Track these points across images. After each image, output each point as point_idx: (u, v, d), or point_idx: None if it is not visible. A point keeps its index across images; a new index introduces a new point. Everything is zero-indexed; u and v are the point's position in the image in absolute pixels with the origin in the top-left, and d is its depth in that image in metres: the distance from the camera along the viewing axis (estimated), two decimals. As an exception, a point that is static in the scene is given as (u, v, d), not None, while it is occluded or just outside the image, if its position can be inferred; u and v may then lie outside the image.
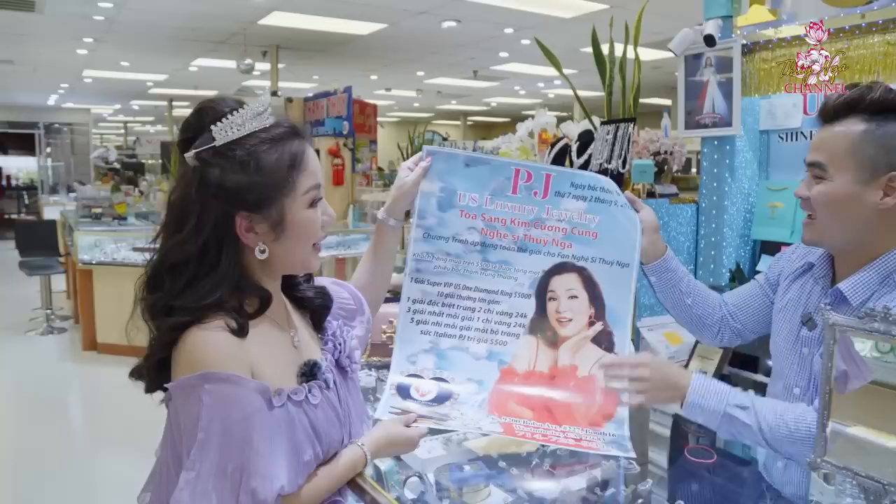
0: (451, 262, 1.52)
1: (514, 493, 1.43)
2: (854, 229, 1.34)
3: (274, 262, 1.21)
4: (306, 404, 1.19)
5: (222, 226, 1.15)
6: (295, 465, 1.14)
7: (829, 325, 0.96)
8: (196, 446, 1.08)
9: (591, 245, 1.51)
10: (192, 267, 1.14)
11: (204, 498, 1.07)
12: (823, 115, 1.38)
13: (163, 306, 1.15)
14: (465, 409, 1.42)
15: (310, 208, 1.20)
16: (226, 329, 1.12)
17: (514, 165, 1.53)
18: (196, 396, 1.08)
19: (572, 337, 1.51)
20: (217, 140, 1.13)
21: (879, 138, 1.29)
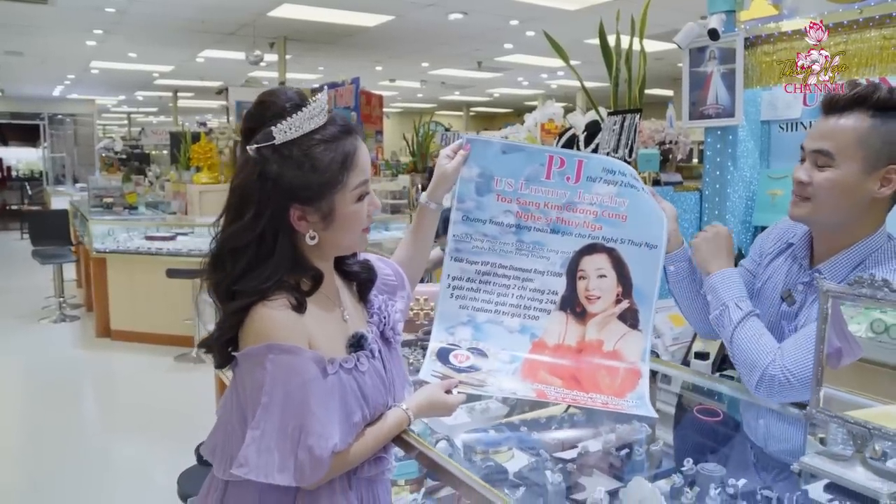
0: (488, 242, 1.63)
1: (537, 454, 1.55)
2: (845, 213, 1.46)
3: (324, 246, 1.34)
4: (356, 371, 1.32)
5: (278, 216, 1.27)
6: (346, 425, 1.28)
7: (822, 291, 1.09)
8: (261, 409, 1.21)
9: (621, 227, 1.61)
10: (250, 252, 1.27)
11: (267, 453, 1.21)
12: (830, 107, 1.47)
13: (226, 289, 1.28)
14: (500, 377, 1.54)
15: (358, 202, 1.33)
16: (287, 306, 1.25)
17: (548, 152, 1.64)
18: (261, 365, 1.22)
19: (600, 313, 1.61)
20: (277, 139, 1.25)
21: (884, 133, 1.41)
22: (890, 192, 1.44)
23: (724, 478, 1.35)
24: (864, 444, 1.09)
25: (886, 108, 1.42)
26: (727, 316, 1.53)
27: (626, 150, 3.47)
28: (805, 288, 1.54)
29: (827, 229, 1.53)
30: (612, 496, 1.33)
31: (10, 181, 20.07)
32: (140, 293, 6.57)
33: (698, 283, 1.73)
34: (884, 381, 1.20)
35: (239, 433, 1.26)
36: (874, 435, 1.06)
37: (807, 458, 1.16)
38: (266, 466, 1.20)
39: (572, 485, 1.46)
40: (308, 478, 1.22)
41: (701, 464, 1.40)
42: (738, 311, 1.52)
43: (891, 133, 1.41)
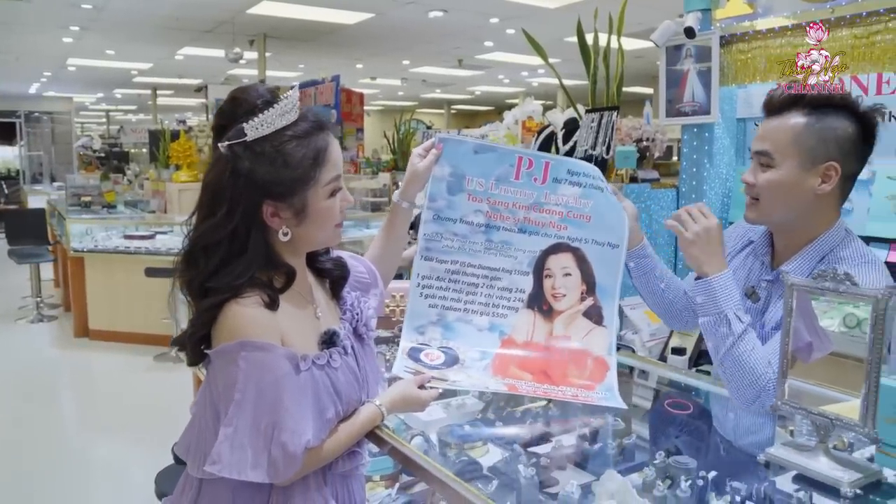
0: (459, 241, 1.64)
1: (511, 449, 1.57)
2: (794, 211, 1.51)
3: (297, 242, 1.35)
4: (328, 368, 1.32)
5: (251, 212, 1.27)
6: (319, 422, 1.28)
7: (788, 285, 1.11)
8: (233, 405, 1.22)
9: (585, 227, 1.65)
10: (223, 248, 1.27)
11: (241, 450, 1.21)
12: (769, 109, 1.53)
13: (199, 286, 1.29)
14: (472, 372, 1.56)
15: (330, 197, 1.33)
16: (260, 303, 1.26)
17: (517, 153, 1.67)
18: (234, 362, 1.23)
19: (566, 311, 1.65)
20: (249, 136, 1.25)
21: (819, 131, 1.46)
22: (831, 188, 1.48)
23: (695, 470, 1.37)
24: (828, 435, 1.11)
25: (820, 107, 1.46)
26: (726, 327, 1.48)
27: (603, 147, 3.49)
28: (769, 285, 1.57)
29: (782, 228, 1.57)
30: (584, 489, 1.34)
31: (-15, 180, 19.82)
32: (119, 292, 6.53)
33: (659, 278, 1.77)
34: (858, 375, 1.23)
35: (212, 430, 1.26)
36: (836, 425, 1.08)
37: (772, 450, 1.18)
38: (239, 463, 1.20)
39: (546, 478, 1.47)
40: (282, 474, 1.22)
41: (673, 457, 1.42)
42: (740, 323, 1.47)
43: (825, 130, 1.45)
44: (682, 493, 1.33)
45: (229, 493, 1.29)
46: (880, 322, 1.00)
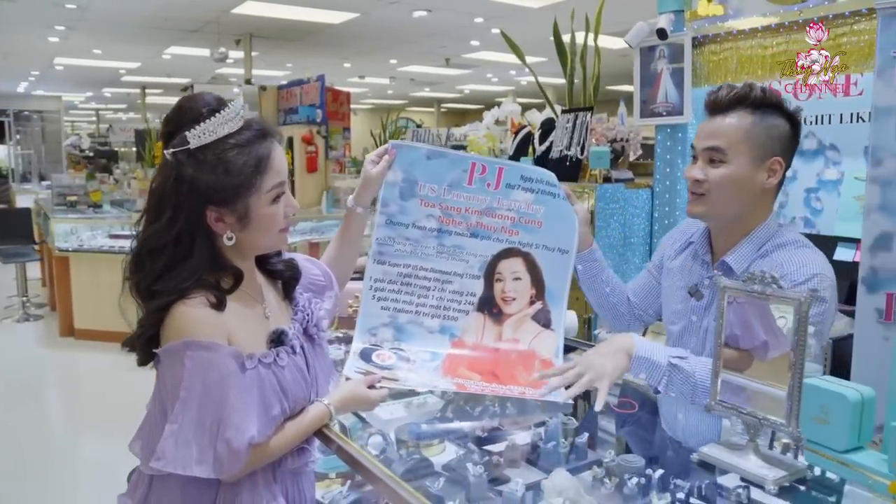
0: (411, 245, 1.68)
1: (466, 447, 1.60)
2: (741, 206, 1.57)
3: (242, 247, 1.38)
4: (275, 366, 1.35)
5: (194, 218, 1.30)
6: (264, 419, 1.31)
7: (720, 287, 1.14)
8: (179, 403, 1.25)
9: (536, 233, 1.69)
10: (168, 252, 1.30)
11: (185, 446, 1.24)
12: (714, 108, 1.58)
13: (146, 288, 1.32)
14: (422, 373, 1.59)
15: (273, 203, 1.36)
16: (206, 304, 1.29)
17: (471, 159, 1.70)
18: (180, 361, 1.26)
19: (515, 314, 1.69)
20: (191, 144, 1.28)
21: (766, 128, 1.53)
22: (776, 182, 1.56)
23: (642, 468, 1.40)
24: (757, 434, 1.14)
25: (763, 106, 1.53)
26: (679, 373, 1.49)
27: (577, 147, 3.53)
28: (711, 283, 1.60)
29: (723, 223, 1.62)
30: (534, 487, 1.37)
31: (-24, 179, 19.76)
32: (104, 292, 6.51)
33: (605, 282, 1.83)
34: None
35: (161, 428, 1.28)
36: (763, 424, 1.11)
37: (705, 449, 1.21)
38: (184, 459, 1.23)
39: (498, 476, 1.50)
40: (226, 469, 1.25)
41: (622, 455, 1.45)
42: (682, 360, 1.50)
43: (771, 128, 1.53)
44: (629, 490, 1.36)
45: (178, 489, 1.32)
46: (803, 324, 1.03)
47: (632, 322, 1.91)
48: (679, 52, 3.32)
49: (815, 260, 1.52)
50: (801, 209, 3.19)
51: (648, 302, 1.89)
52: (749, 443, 1.15)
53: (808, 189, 3.14)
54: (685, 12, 3.32)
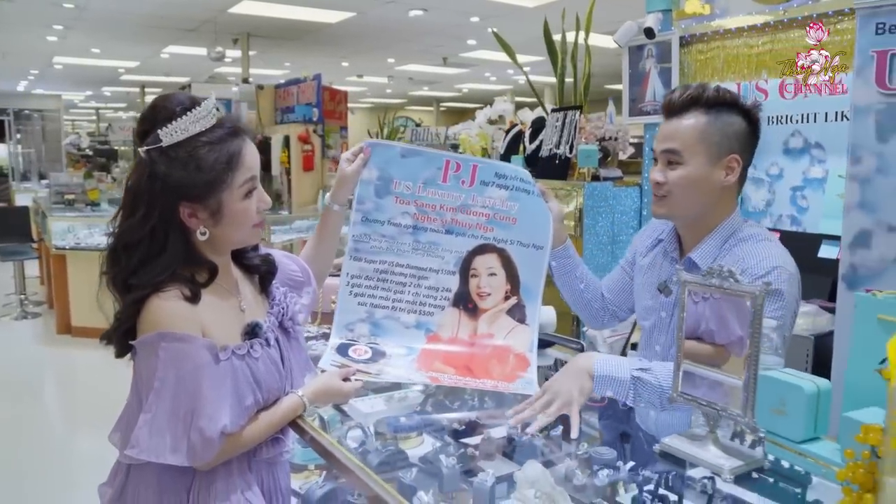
0: (386, 242, 1.71)
1: (443, 440, 1.63)
2: (703, 204, 1.60)
3: (216, 242, 1.41)
4: (248, 358, 1.39)
5: (168, 213, 1.34)
6: (237, 409, 1.35)
7: (681, 282, 1.17)
8: (153, 393, 1.29)
9: (510, 229, 1.71)
10: (143, 247, 1.34)
11: (159, 435, 1.28)
12: (669, 110, 1.61)
13: (122, 282, 1.35)
14: (397, 366, 1.62)
15: (245, 199, 1.39)
16: (181, 297, 1.33)
17: (445, 157, 1.72)
18: (154, 353, 1.30)
19: (490, 309, 1.72)
20: (164, 142, 1.32)
21: (720, 127, 1.56)
22: (735, 179, 1.59)
23: (613, 461, 1.43)
24: (716, 425, 1.17)
25: (717, 105, 1.56)
26: (642, 386, 1.51)
27: (566, 146, 3.55)
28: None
29: (688, 221, 1.65)
30: (508, 479, 1.40)
31: (-23, 178, 19.83)
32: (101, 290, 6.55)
33: (579, 279, 1.85)
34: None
35: (137, 418, 1.32)
36: (722, 416, 1.14)
37: (667, 440, 1.24)
38: (157, 447, 1.27)
39: (473, 468, 1.52)
40: (200, 457, 1.29)
41: (594, 448, 1.48)
42: (646, 372, 1.51)
43: (725, 126, 1.56)
44: (600, 482, 1.39)
45: (154, 477, 1.36)
46: (758, 317, 1.05)
47: (606, 318, 1.94)
48: (667, 51, 3.35)
49: (775, 254, 1.55)
50: (787, 207, 3.21)
51: (622, 298, 1.92)
52: (709, 434, 1.18)
53: (794, 187, 3.16)
54: (673, 11, 3.35)
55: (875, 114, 2.26)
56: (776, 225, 3.15)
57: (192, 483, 1.36)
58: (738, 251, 1.58)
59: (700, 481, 1.26)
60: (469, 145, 4.71)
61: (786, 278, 1.51)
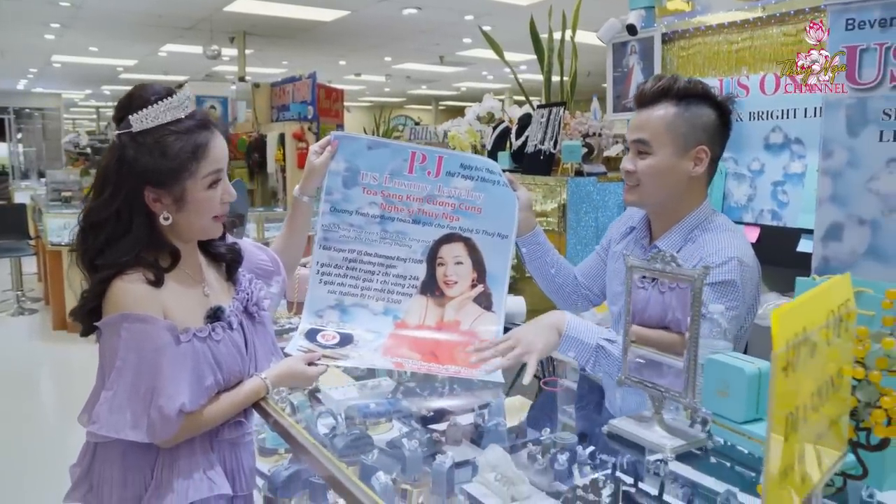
0: (355, 231, 1.75)
1: (411, 426, 1.67)
2: (670, 194, 1.64)
3: (179, 228, 1.45)
4: (210, 340, 1.43)
5: (133, 197, 1.39)
6: (197, 388, 1.39)
7: (628, 266, 1.20)
8: (115, 372, 1.34)
9: (476, 218, 1.75)
10: (109, 227, 1.39)
11: (119, 411, 1.33)
12: (640, 101, 1.66)
13: (89, 261, 1.40)
14: (363, 352, 1.66)
15: (209, 189, 1.43)
16: (143, 280, 1.37)
17: (410, 149, 1.76)
18: (117, 332, 1.34)
19: (457, 297, 1.76)
20: (134, 127, 1.37)
21: (688, 119, 1.60)
22: (703, 170, 1.63)
23: (574, 445, 1.46)
24: (661, 406, 1.20)
25: (687, 97, 1.60)
26: (605, 356, 1.55)
27: (550, 142, 3.59)
28: None
29: (658, 209, 1.70)
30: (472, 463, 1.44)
31: (-21, 176, 19.94)
32: (96, 287, 6.59)
33: (550, 264, 1.89)
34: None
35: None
36: (665, 397, 1.17)
37: (615, 422, 1.28)
38: (117, 423, 1.32)
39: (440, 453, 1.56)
40: (159, 434, 1.33)
41: (556, 433, 1.52)
42: (611, 343, 1.55)
43: (694, 117, 1.60)
44: (560, 465, 1.43)
45: (119, 456, 1.41)
46: (697, 299, 1.09)
47: (578, 301, 1.97)
48: (649, 47, 3.38)
49: (734, 244, 1.59)
50: (768, 202, 3.24)
51: (595, 282, 1.96)
52: (654, 415, 1.22)
53: (774, 182, 3.19)
54: (655, 8, 3.39)
55: (846, 108, 2.30)
56: (757, 220, 3.18)
57: (155, 461, 1.41)
58: (700, 241, 1.62)
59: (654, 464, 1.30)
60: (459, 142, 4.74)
61: (741, 269, 1.55)
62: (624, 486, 1.29)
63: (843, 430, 0.84)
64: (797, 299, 0.66)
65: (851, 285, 0.83)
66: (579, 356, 1.57)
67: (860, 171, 2.27)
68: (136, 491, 1.40)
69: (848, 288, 0.82)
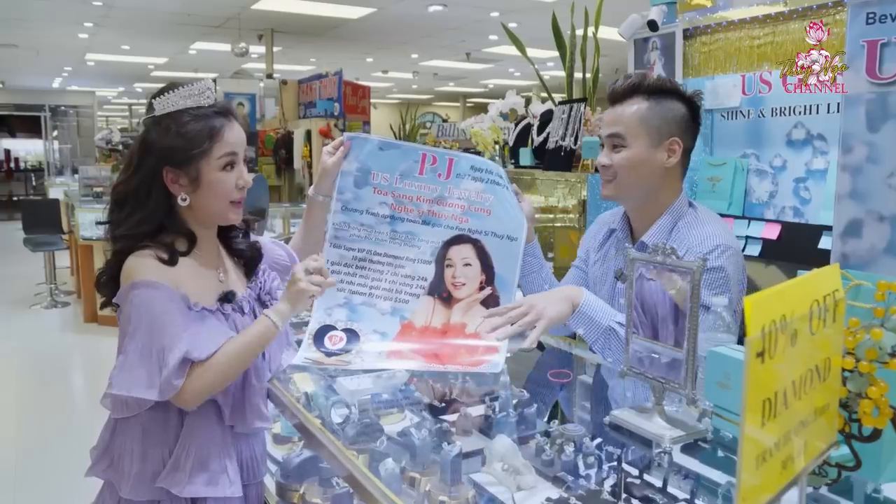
0: (365, 231, 1.77)
1: (422, 415, 1.69)
2: (646, 186, 1.68)
3: (197, 211, 1.51)
4: (219, 315, 1.49)
5: (151, 175, 1.46)
6: (206, 340, 1.41)
7: (629, 259, 1.22)
8: (127, 336, 1.40)
9: (485, 220, 1.77)
10: (130, 203, 1.47)
11: (131, 371, 1.38)
12: (613, 98, 1.70)
13: (112, 234, 1.48)
14: (367, 357, 1.69)
15: (223, 171, 1.49)
16: (154, 257, 1.44)
17: (421, 150, 1.79)
18: (128, 300, 1.41)
19: (464, 299, 1.77)
20: (156, 110, 1.46)
21: (660, 112, 1.64)
22: (677, 161, 1.67)
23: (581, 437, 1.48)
24: (662, 397, 1.22)
25: (657, 92, 1.65)
26: (616, 337, 1.59)
27: (571, 138, 3.60)
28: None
29: (636, 203, 1.72)
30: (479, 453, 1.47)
31: (18, 172, 20.38)
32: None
33: (544, 280, 1.91)
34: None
35: None
36: (666, 388, 1.19)
37: (616, 412, 1.29)
38: (129, 382, 1.37)
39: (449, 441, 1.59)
40: (175, 388, 1.37)
41: (564, 424, 1.53)
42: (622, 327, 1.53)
43: (665, 111, 1.65)
44: (567, 457, 1.45)
45: (139, 430, 1.47)
46: (696, 291, 1.10)
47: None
48: (671, 43, 3.37)
49: (717, 233, 1.63)
50: (790, 199, 3.21)
51: None
52: (655, 406, 1.23)
53: (796, 179, 3.17)
54: (677, 4, 3.37)
55: (866, 104, 2.28)
56: (779, 216, 3.16)
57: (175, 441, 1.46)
58: (684, 232, 1.66)
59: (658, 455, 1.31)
60: (481, 139, 4.76)
61: (728, 255, 1.58)
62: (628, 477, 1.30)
63: (833, 420, 0.85)
64: (774, 287, 0.67)
65: (840, 277, 0.84)
66: (588, 334, 1.60)
67: (880, 166, 2.25)
68: (154, 466, 1.45)
69: (836, 279, 0.83)
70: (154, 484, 1.44)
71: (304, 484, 1.62)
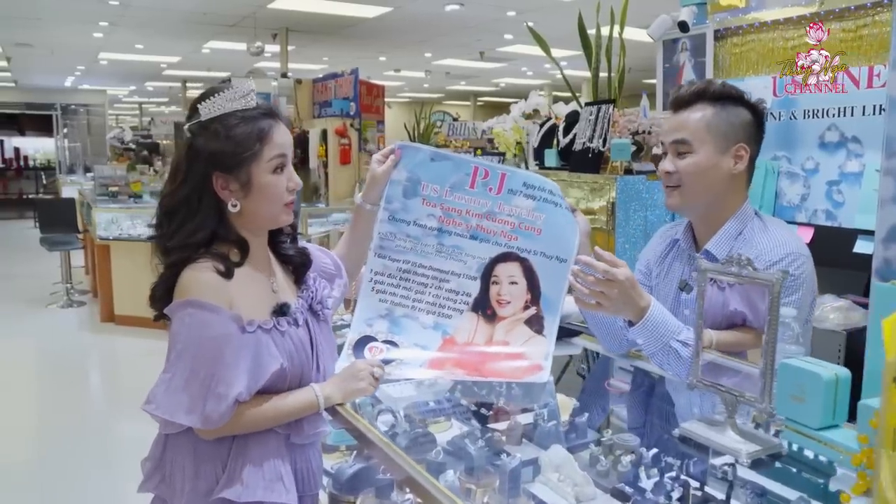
0: (411, 242, 1.74)
1: (470, 424, 1.67)
2: (713, 193, 1.65)
3: (248, 217, 1.48)
4: (274, 333, 1.45)
5: (201, 182, 1.43)
6: (256, 377, 1.40)
7: (700, 270, 1.19)
8: (174, 355, 1.37)
9: (535, 240, 1.72)
10: (181, 213, 1.43)
11: (176, 394, 1.35)
12: (677, 104, 1.67)
13: (162, 247, 1.44)
14: (407, 369, 1.67)
15: (274, 174, 1.46)
16: (213, 270, 1.40)
17: (473, 163, 1.74)
18: (180, 317, 1.38)
19: (508, 317, 1.73)
20: (202, 116, 1.42)
21: (726, 118, 1.61)
22: (744, 167, 1.64)
23: (637, 447, 1.45)
24: (735, 410, 1.19)
25: (722, 98, 1.62)
26: (675, 357, 1.57)
27: (599, 140, 3.57)
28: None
29: (700, 212, 1.69)
30: (534, 462, 1.44)
31: (27, 171, 20.46)
32: (143, 279, 6.65)
33: None
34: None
35: None
36: (740, 402, 1.16)
37: (686, 425, 1.27)
38: (171, 406, 1.35)
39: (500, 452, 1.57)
40: (214, 422, 1.35)
41: (618, 434, 1.51)
42: (685, 347, 1.55)
43: (731, 117, 1.62)
44: (623, 468, 1.42)
45: (191, 447, 1.44)
46: (775, 304, 1.08)
47: (624, 341, 1.87)
48: (701, 44, 3.34)
49: (789, 240, 1.60)
50: (822, 202, 3.18)
51: None
52: (727, 419, 1.21)
53: (829, 182, 3.14)
54: (707, 5, 3.34)
55: (910, 107, 2.24)
56: (811, 220, 3.13)
57: (228, 454, 1.43)
58: (752, 239, 1.63)
59: (721, 468, 1.29)
60: (503, 139, 4.74)
61: (800, 263, 1.55)
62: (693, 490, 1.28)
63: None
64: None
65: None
66: (646, 347, 1.58)
67: (925, 171, 2.22)
68: (208, 483, 1.42)
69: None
70: (208, 500, 1.41)
71: (361, 496, 1.60)
